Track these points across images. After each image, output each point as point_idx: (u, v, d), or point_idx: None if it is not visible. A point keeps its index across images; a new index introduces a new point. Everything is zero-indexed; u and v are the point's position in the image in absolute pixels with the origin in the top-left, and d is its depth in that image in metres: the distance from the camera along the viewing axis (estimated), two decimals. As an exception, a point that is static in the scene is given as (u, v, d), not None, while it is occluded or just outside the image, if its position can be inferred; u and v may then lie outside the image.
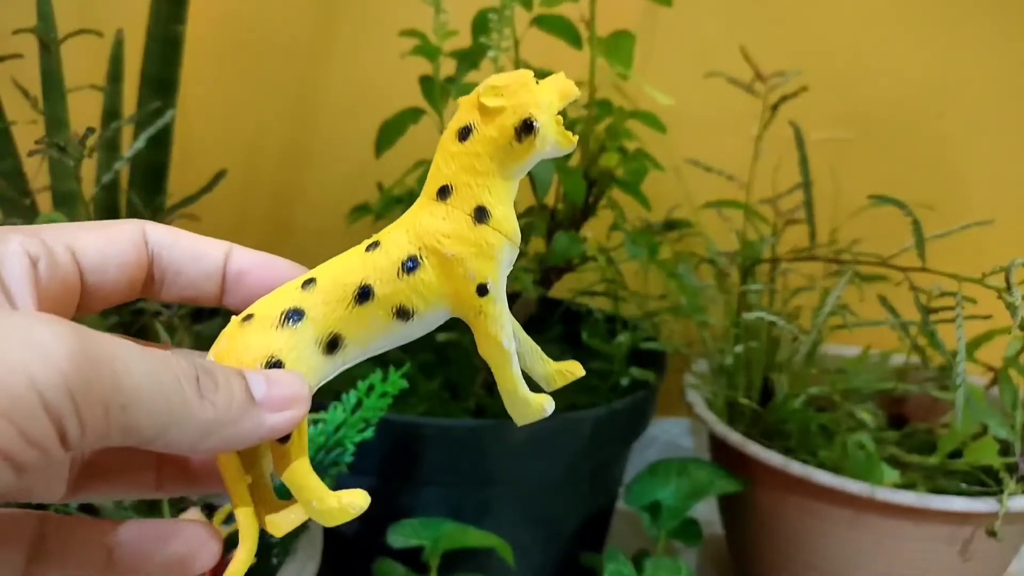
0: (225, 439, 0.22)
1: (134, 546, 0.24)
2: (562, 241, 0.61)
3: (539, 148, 0.24)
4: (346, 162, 0.81)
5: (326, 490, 0.25)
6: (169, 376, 0.21)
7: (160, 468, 0.27)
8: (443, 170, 0.25)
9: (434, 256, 0.24)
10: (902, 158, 0.86)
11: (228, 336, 0.25)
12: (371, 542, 0.57)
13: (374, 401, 0.51)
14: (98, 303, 0.26)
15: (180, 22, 0.60)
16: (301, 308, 0.24)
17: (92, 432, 0.19)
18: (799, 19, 0.82)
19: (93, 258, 0.25)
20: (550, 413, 0.27)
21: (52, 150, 0.47)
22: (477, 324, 0.25)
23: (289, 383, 0.24)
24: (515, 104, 0.24)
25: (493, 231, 0.25)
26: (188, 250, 0.27)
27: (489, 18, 0.58)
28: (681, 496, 0.62)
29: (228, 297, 0.27)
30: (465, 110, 0.25)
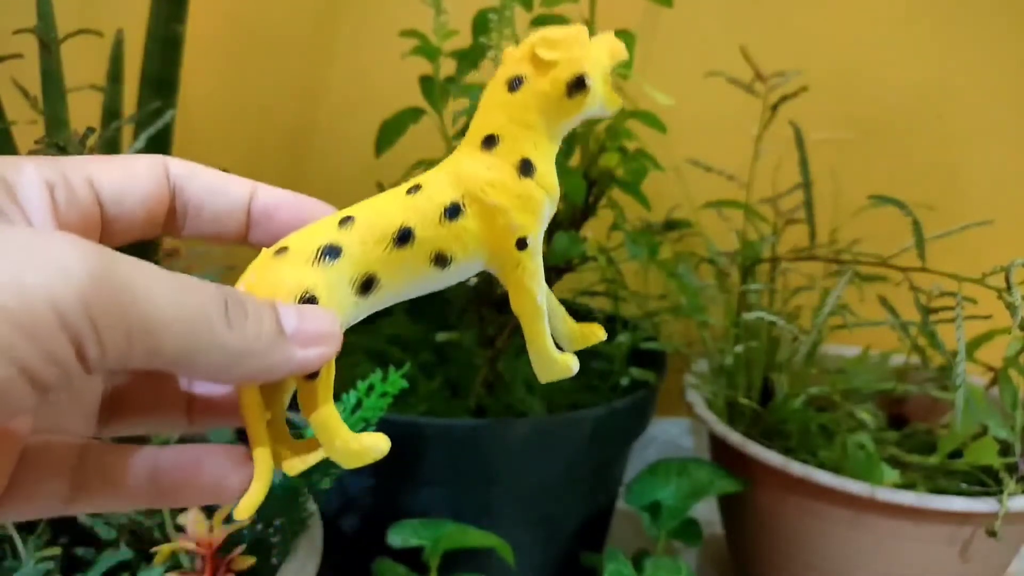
0: (253, 370, 0.22)
1: (174, 470, 0.24)
2: (562, 241, 0.61)
3: (588, 106, 0.24)
4: (346, 161, 0.81)
5: (348, 431, 0.24)
6: (195, 300, 0.20)
7: (190, 402, 0.27)
8: (489, 119, 0.24)
9: (477, 204, 0.24)
10: (902, 158, 0.86)
11: (259, 268, 0.24)
12: (371, 542, 0.57)
13: (374, 401, 0.51)
14: (118, 237, 0.25)
15: (180, 22, 0.60)
16: (338, 245, 0.24)
17: (113, 353, 0.19)
18: (799, 19, 0.82)
19: (112, 189, 0.24)
20: (575, 372, 0.26)
21: (52, 150, 0.47)
22: (513, 277, 0.25)
23: (321, 319, 0.23)
24: (569, 59, 0.24)
25: (536, 185, 0.24)
26: (210, 184, 0.26)
27: (489, 18, 0.58)
28: (681, 496, 0.62)
29: (254, 234, 0.27)
30: (516, 61, 0.24)
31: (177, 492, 0.24)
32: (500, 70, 0.25)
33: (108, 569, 0.46)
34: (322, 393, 0.24)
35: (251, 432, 0.24)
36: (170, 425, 0.27)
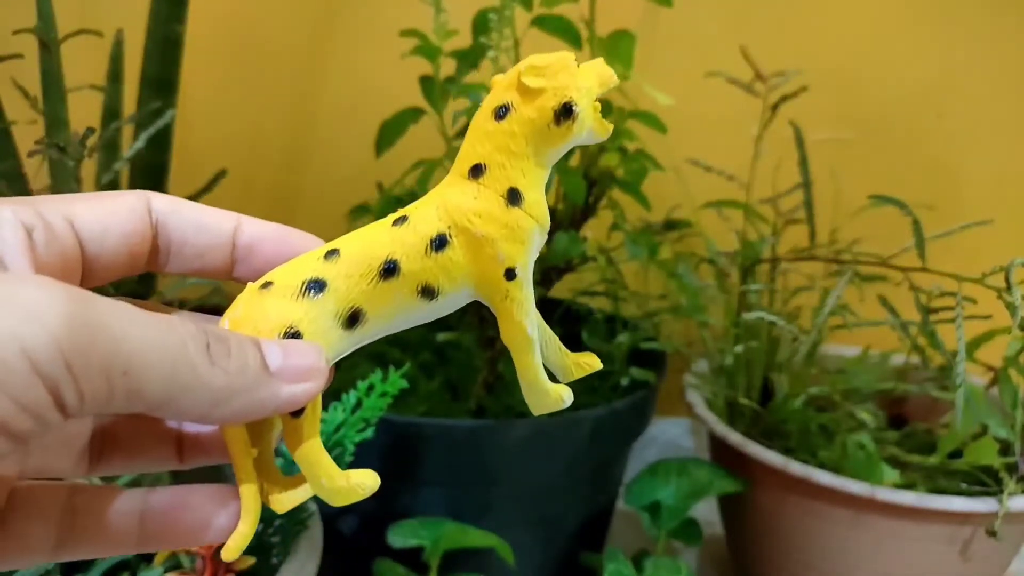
0: (238, 409, 0.22)
1: (162, 513, 0.24)
2: (562, 241, 0.61)
3: (576, 133, 0.24)
4: (346, 162, 0.81)
5: (336, 468, 0.24)
6: (175, 340, 0.20)
7: (180, 439, 0.26)
8: (476, 148, 0.24)
9: (463, 235, 0.24)
10: (902, 158, 0.86)
11: (244, 303, 0.24)
12: (371, 542, 0.57)
13: (374, 401, 0.51)
14: (101, 277, 0.25)
15: (180, 22, 0.60)
16: (323, 279, 0.24)
17: (92, 398, 0.19)
18: (799, 19, 0.82)
19: (92, 228, 0.24)
20: (568, 404, 0.26)
21: (52, 150, 0.47)
22: (502, 309, 0.25)
23: (307, 354, 0.23)
24: (556, 86, 0.23)
25: (525, 214, 0.24)
26: (194, 220, 0.26)
27: (489, 18, 0.58)
28: (681, 496, 0.62)
29: (239, 269, 0.26)
30: (503, 89, 0.24)
31: (167, 535, 0.24)
32: (487, 98, 0.25)
33: (108, 569, 0.46)
34: (308, 429, 0.24)
35: (237, 470, 0.24)
36: (161, 463, 0.26)
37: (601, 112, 0.25)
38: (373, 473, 0.25)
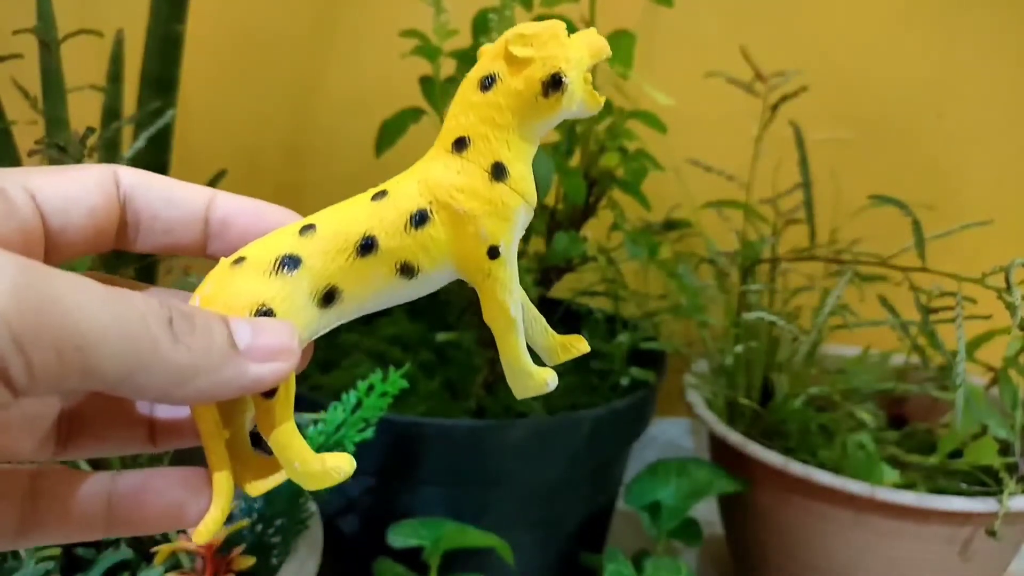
0: (203, 388, 0.21)
1: (130, 497, 0.23)
2: (562, 241, 0.61)
3: (565, 106, 0.23)
4: (346, 162, 0.81)
5: (311, 452, 0.23)
6: (134, 315, 0.19)
7: (152, 422, 0.25)
8: (460, 120, 0.23)
9: (445, 211, 0.23)
10: (902, 158, 0.86)
11: (215, 279, 0.23)
12: (371, 542, 0.57)
13: (374, 401, 0.51)
14: (66, 252, 0.24)
15: (180, 22, 0.60)
16: (298, 255, 0.23)
17: (43, 375, 0.18)
18: (799, 19, 0.82)
19: (55, 201, 0.23)
20: (552, 388, 0.25)
21: (52, 150, 0.47)
22: (484, 288, 0.24)
23: (277, 332, 0.22)
24: (544, 56, 0.22)
25: (510, 190, 0.23)
26: (164, 194, 0.25)
27: (489, 18, 0.58)
28: (681, 496, 0.62)
29: (213, 244, 0.25)
30: (489, 59, 0.23)
31: (134, 520, 0.23)
32: (474, 68, 0.24)
33: (108, 569, 0.46)
34: (281, 411, 0.23)
35: (208, 453, 0.23)
36: (132, 446, 0.26)
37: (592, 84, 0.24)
38: (349, 457, 0.24)
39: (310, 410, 0.52)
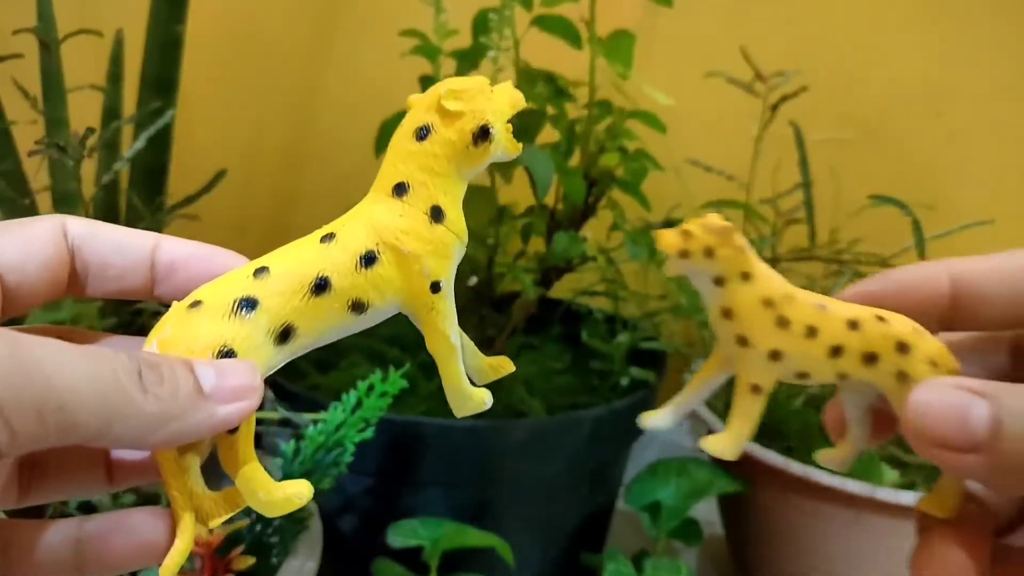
0: (174, 433, 0.22)
1: (98, 540, 0.24)
2: (562, 241, 0.61)
3: (492, 153, 0.25)
4: (346, 162, 0.81)
5: (272, 481, 0.24)
6: (107, 371, 0.20)
7: (109, 462, 0.26)
8: (399, 167, 0.25)
9: (391, 252, 0.25)
10: (902, 158, 0.86)
11: (173, 322, 0.24)
12: (370, 542, 0.57)
13: (374, 401, 0.51)
14: (22, 305, 0.25)
15: (180, 22, 0.60)
16: (254, 297, 0.24)
17: (25, 436, 0.19)
18: (799, 19, 0.82)
19: (11, 260, 0.24)
20: (489, 406, 0.27)
21: (52, 150, 0.47)
22: (428, 320, 0.26)
23: (240, 373, 0.23)
24: (473, 109, 0.25)
25: (447, 231, 0.25)
26: (110, 242, 0.26)
27: (489, 18, 0.58)
28: (681, 496, 0.62)
29: (159, 288, 0.26)
30: (422, 110, 0.25)
31: (102, 560, 0.24)
32: (406, 118, 0.25)
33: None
34: (243, 445, 0.24)
35: (170, 488, 0.24)
36: (90, 487, 0.26)
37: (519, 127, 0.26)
38: (306, 482, 0.25)
39: (310, 410, 0.52)
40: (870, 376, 0.26)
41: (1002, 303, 0.25)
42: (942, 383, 0.23)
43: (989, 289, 0.25)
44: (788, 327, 0.25)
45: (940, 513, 0.25)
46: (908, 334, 0.25)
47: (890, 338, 0.25)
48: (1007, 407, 0.21)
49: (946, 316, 0.26)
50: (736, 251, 0.25)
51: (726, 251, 0.25)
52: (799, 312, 0.25)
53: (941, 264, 0.26)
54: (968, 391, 0.22)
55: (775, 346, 0.25)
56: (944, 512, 0.25)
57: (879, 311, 0.25)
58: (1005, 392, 0.21)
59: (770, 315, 0.25)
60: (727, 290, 0.26)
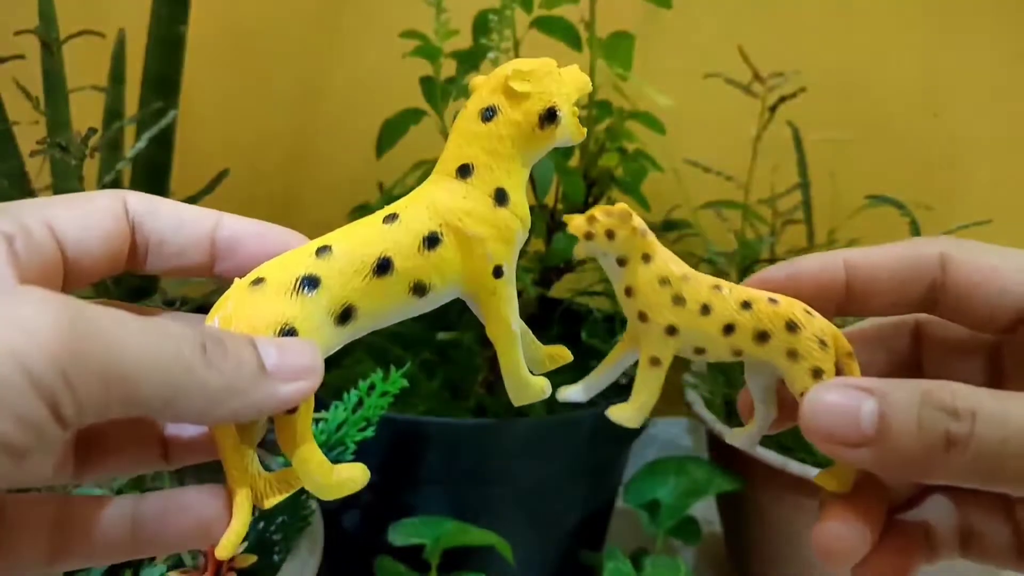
0: (235, 409, 0.22)
1: (156, 518, 0.24)
2: (562, 241, 0.62)
3: (558, 137, 0.25)
4: (348, 162, 0.81)
5: (329, 464, 0.24)
6: (171, 344, 0.20)
7: (165, 440, 0.26)
8: (464, 149, 0.25)
9: (454, 234, 0.24)
10: (900, 158, 0.86)
11: (235, 300, 0.24)
12: (372, 540, 0.57)
13: (375, 400, 0.51)
14: (83, 279, 0.25)
15: (182, 22, 0.60)
16: (316, 276, 0.24)
17: (90, 407, 0.19)
18: (797, 20, 0.83)
19: (72, 232, 0.24)
20: (548, 395, 0.27)
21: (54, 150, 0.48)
22: (490, 305, 0.25)
23: (302, 352, 0.23)
24: (540, 91, 0.25)
25: (512, 215, 0.25)
26: (171, 218, 0.26)
27: (489, 19, 0.59)
28: (680, 495, 0.62)
29: (220, 265, 0.26)
30: (488, 91, 0.25)
31: (158, 538, 0.24)
32: (471, 100, 0.25)
33: (110, 567, 0.46)
34: (302, 426, 0.24)
35: (229, 468, 0.24)
36: (147, 464, 0.26)
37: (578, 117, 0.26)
38: (362, 466, 0.25)
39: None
40: (762, 354, 0.27)
41: (889, 289, 0.27)
42: (835, 383, 0.24)
43: (879, 277, 0.27)
44: (684, 305, 0.27)
45: (835, 488, 0.26)
46: (797, 315, 0.26)
47: (780, 317, 0.26)
48: (893, 403, 0.22)
49: (842, 302, 0.27)
50: (634, 233, 0.26)
51: (624, 233, 0.26)
52: (694, 291, 0.27)
53: (838, 253, 0.27)
54: (857, 389, 0.23)
55: (671, 321, 0.27)
56: (839, 487, 0.26)
57: (772, 294, 0.27)
58: (891, 389, 0.23)
59: (667, 293, 0.27)
60: (628, 270, 0.27)
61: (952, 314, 0.27)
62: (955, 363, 0.28)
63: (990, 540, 0.26)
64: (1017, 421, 0.21)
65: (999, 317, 0.26)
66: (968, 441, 0.21)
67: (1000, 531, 0.26)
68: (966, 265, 0.26)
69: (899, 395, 0.22)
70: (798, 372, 0.26)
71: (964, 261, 0.26)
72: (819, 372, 0.26)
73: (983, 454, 0.21)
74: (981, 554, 0.27)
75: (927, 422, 0.22)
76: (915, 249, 0.27)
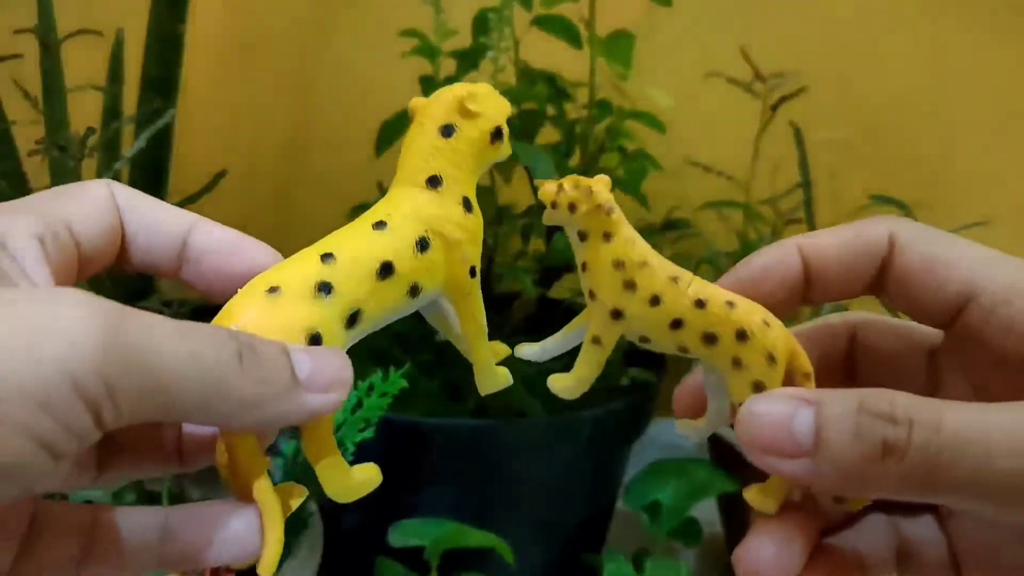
0: (265, 418, 0.22)
1: (186, 530, 0.24)
2: (562, 241, 0.62)
3: (504, 152, 0.27)
4: (346, 161, 0.81)
5: (347, 467, 0.25)
6: (210, 353, 0.20)
7: (179, 442, 0.26)
8: (429, 162, 0.26)
9: (439, 238, 0.26)
10: (901, 158, 0.86)
11: (255, 306, 0.24)
12: (371, 541, 0.57)
13: (374, 401, 0.51)
14: (89, 270, 0.25)
15: (180, 22, 0.60)
16: (330, 281, 0.24)
17: (128, 413, 0.19)
18: (798, 20, 0.82)
19: (84, 229, 0.24)
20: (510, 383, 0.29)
21: (53, 150, 0.48)
22: (465, 304, 0.27)
23: (333, 363, 0.23)
24: (489, 111, 0.27)
25: (477, 220, 0.27)
26: (146, 216, 0.26)
27: (489, 18, 0.59)
28: (680, 496, 0.62)
29: (187, 270, 0.26)
30: (442, 110, 0.27)
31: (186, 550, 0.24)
32: (420, 117, 0.27)
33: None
34: (326, 434, 0.24)
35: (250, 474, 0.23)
36: (163, 467, 0.26)
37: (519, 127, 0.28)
38: (375, 466, 0.26)
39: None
40: (707, 355, 0.27)
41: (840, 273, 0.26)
42: (771, 393, 0.24)
43: (829, 262, 0.26)
44: (634, 291, 0.26)
45: (762, 508, 0.26)
46: (752, 324, 0.26)
47: (732, 324, 0.26)
48: (829, 412, 0.22)
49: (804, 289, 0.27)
50: (597, 210, 0.26)
51: (586, 208, 0.26)
52: (648, 280, 0.27)
53: (791, 241, 0.27)
54: (794, 399, 0.23)
55: (617, 305, 0.27)
56: (766, 507, 0.26)
57: (733, 296, 0.27)
58: (828, 398, 0.22)
59: (619, 276, 0.27)
60: (587, 245, 0.27)
61: (896, 300, 0.26)
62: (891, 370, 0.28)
63: (927, 557, 0.26)
64: (952, 428, 0.21)
65: (938, 309, 0.25)
66: (905, 449, 0.21)
67: (937, 547, 0.26)
68: (910, 252, 0.26)
69: (836, 404, 0.22)
70: (739, 382, 0.26)
71: (909, 247, 0.26)
72: (760, 386, 0.26)
73: (920, 462, 0.21)
74: (918, 572, 0.26)
75: (864, 430, 0.21)
76: (863, 229, 0.26)
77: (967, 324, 0.25)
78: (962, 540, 0.26)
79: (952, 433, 0.21)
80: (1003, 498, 0.21)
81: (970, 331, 0.25)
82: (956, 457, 0.21)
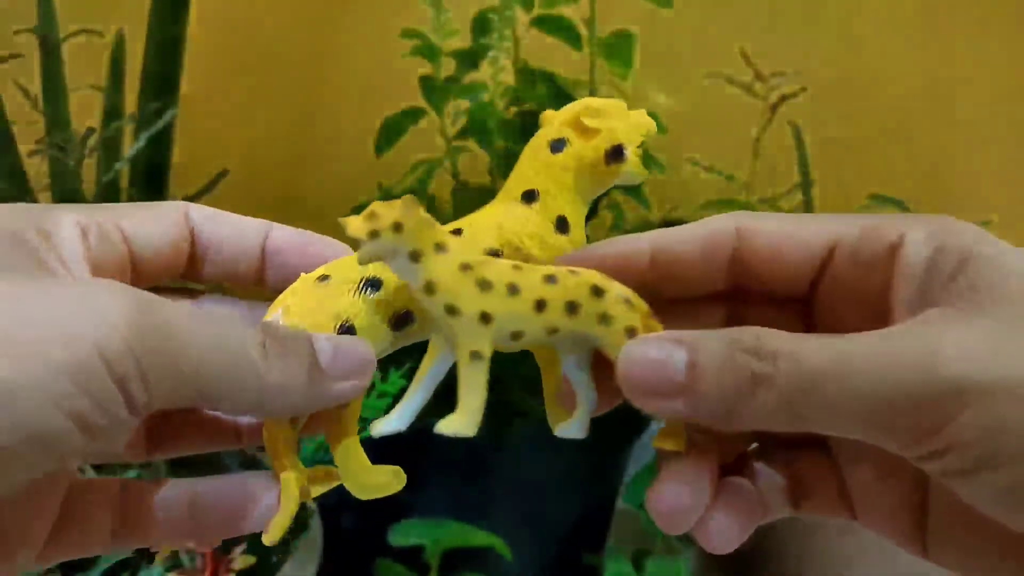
0: (289, 405, 0.23)
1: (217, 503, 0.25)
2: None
3: (621, 174, 0.26)
4: (347, 162, 0.81)
5: (368, 462, 0.25)
6: (236, 342, 0.21)
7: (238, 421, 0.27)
8: (530, 176, 0.26)
9: (514, 254, 0.26)
10: (901, 158, 0.86)
11: (299, 292, 0.25)
12: (371, 541, 0.57)
13: (373, 401, 0.51)
14: (143, 281, 0.26)
15: (181, 22, 0.60)
16: (380, 279, 0.25)
17: (158, 397, 0.20)
18: (798, 20, 0.82)
19: (139, 234, 0.25)
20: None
21: (53, 150, 0.48)
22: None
23: (355, 350, 0.24)
24: (609, 129, 0.26)
25: (569, 243, 0.26)
26: (228, 227, 0.27)
27: (489, 18, 0.59)
28: (681, 495, 0.62)
29: (268, 272, 0.28)
30: (559, 124, 0.26)
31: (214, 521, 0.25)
32: (542, 130, 0.26)
33: (109, 568, 0.46)
34: (349, 423, 0.25)
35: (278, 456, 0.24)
36: (221, 443, 0.27)
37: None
38: (399, 469, 0.26)
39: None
40: (575, 324, 0.26)
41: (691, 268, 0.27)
42: (646, 338, 0.25)
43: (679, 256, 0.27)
44: (491, 288, 0.25)
45: (672, 447, 0.26)
46: (599, 279, 0.26)
47: (584, 285, 0.26)
48: (702, 350, 0.23)
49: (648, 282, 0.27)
50: (424, 223, 0.25)
51: (413, 222, 0.24)
52: (497, 272, 0.25)
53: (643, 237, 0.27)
54: (669, 341, 0.24)
55: (483, 308, 0.25)
56: (675, 446, 0.26)
57: (570, 267, 0.26)
58: (701, 338, 0.23)
59: (471, 278, 0.25)
60: (425, 264, 0.24)
61: (756, 282, 0.27)
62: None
63: (820, 494, 0.27)
64: (814, 359, 0.22)
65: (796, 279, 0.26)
66: (772, 380, 0.22)
67: (827, 484, 0.27)
68: (760, 234, 0.26)
69: (708, 342, 0.23)
70: (612, 334, 0.26)
71: (758, 230, 0.26)
72: (632, 331, 0.25)
73: (787, 392, 0.22)
74: (813, 508, 0.28)
75: (734, 364, 0.22)
76: (710, 223, 0.27)
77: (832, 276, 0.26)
78: (851, 476, 0.27)
79: (814, 363, 0.22)
80: (870, 423, 0.22)
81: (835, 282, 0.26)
82: (817, 385, 0.22)
